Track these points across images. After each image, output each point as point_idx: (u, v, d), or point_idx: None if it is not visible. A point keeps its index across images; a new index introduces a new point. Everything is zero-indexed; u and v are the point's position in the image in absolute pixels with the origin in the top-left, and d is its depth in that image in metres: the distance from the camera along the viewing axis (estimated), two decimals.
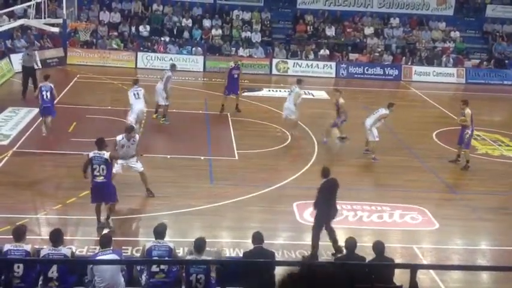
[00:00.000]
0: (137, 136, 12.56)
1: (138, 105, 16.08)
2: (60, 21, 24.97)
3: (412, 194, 13.62)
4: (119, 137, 12.32)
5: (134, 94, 16.24)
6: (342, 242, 9.53)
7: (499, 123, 21.01)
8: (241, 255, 9.80)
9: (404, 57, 28.65)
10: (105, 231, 10.64)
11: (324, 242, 11.26)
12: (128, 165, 12.38)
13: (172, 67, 18.45)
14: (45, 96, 15.64)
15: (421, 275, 8.94)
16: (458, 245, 11.76)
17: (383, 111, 15.71)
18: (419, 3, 31.02)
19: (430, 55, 28.72)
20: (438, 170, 15.42)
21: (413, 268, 7.48)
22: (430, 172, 15.27)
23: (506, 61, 28.97)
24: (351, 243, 8.74)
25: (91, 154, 10.92)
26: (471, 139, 15.72)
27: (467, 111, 15.24)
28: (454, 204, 13.54)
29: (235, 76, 19.18)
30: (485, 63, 28.82)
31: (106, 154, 10.89)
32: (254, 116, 19.16)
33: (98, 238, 8.86)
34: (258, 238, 8.79)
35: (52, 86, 15.96)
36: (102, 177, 10.84)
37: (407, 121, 19.44)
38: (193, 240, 8.50)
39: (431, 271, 10.09)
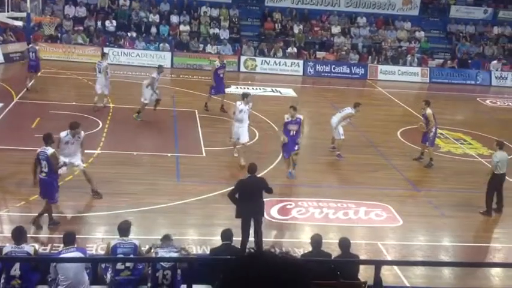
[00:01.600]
0: (82, 133, 12.09)
1: (99, 79, 18.06)
2: (24, 14, 24.49)
3: (377, 192, 13.82)
4: (63, 133, 11.91)
5: (97, 68, 18.25)
6: (307, 239, 9.60)
7: (462, 122, 21.47)
8: (208, 252, 9.80)
9: (370, 56, 29.01)
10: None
11: (294, 239, 11.35)
12: (70, 162, 11.94)
13: (159, 68, 18.32)
14: (31, 56, 19.97)
15: (385, 271, 9.10)
16: (422, 241, 12.00)
17: (349, 110, 15.90)
18: (385, 3, 31.43)
19: (396, 54, 29.15)
20: (402, 168, 15.68)
21: (378, 264, 7.62)
22: (395, 170, 15.51)
23: (469, 61, 29.60)
24: (317, 239, 8.83)
25: (39, 149, 10.80)
26: (435, 137, 16.05)
27: (428, 111, 15.54)
28: (418, 201, 13.80)
29: (221, 75, 19.09)
30: (449, 62, 29.39)
31: (49, 150, 10.67)
32: (222, 113, 19.12)
33: (62, 236, 8.71)
34: (226, 235, 8.81)
35: (37, 48, 20.56)
36: (44, 174, 10.68)
37: (373, 119, 19.69)
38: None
39: (395, 267, 10.27)
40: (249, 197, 10.26)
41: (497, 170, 12.79)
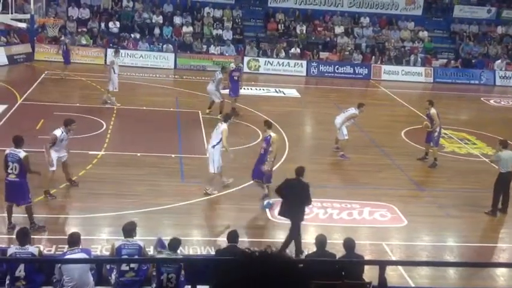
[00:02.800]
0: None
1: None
2: (28, 16, 24.58)
3: (381, 192, 13.78)
4: (58, 132, 12.00)
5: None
6: (311, 239, 9.59)
7: (466, 121, 21.41)
8: (212, 253, 9.80)
9: (373, 57, 28.96)
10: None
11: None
12: (59, 157, 12.14)
13: (223, 69, 18.87)
14: (63, 48, 22.76)
15: (389, 271, 9.07)
16: (426, 241, 11.96)
17: (353, 110, 15.88)
18: (388, 3, 31.38)
19: (399, 54, 29.10)
20: (406, 168, 15.64)
21: (382, 264, 7.60)
22: (399, 170, 15.48)
23: (473, 61, 29.53)
24: (321, 240, 8.81)
25: (7, 151, 10.65)
26: (439, 137, 16.00)
27: (433, 111, 15.51)
28: (422, 202, 13.76)
29: (236, 78, 19.04)
30: (452, 62, 29.33)
31: (21, 153, 10.53)
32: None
33: (66, 237, 8.72)
34: (232, 237, 8.80)
35: (67, 41, 23.55)
36: (14, 176, 10.52)
37: (377, 119, 19.65)
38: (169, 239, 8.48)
39: (399, 267, 10.24)
40: (290, 198, 10.36)
41: (503, 169, 12.75)
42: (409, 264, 10.71)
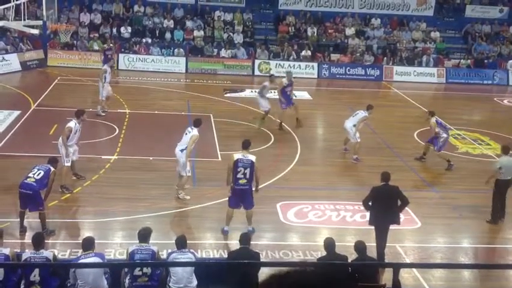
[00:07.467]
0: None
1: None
2: (40, 22, 24.79)
3: None
4: (72, 124, 12.44)
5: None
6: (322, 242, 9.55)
7: (479, 122, 21.25)
8: (225, 256, 9.81)
9: (385, 58, 28.83)
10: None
11: (311, 242, 11.31)
12: (75, 150, 12.58)
13: (271, 77, 19.04)
14: (108, 55, 22.50)
15: (404, 273, 9.02)
16: (440, 243, 11.88)
17: (362, 114, 15.77)
18: (399, 3, 31.27)
19: (411, 55, 28.96)
20: (419, 169, 15.55)
21: (396, 267, 7.55)
22: (412, 171, 15.39)
23: (486, 61, 29.31)
24: (330, 243, 8.77)
25: (37, 166, 10.96)
26: (445, 144, 15.67)
27: (432, 121, 15.36)
28: (436, 203, 13.67)
29: (288, 93, 18.62)
30: (462, 61, 29.07)
31: (51, 168, 10.89)
32: (237, 117, 19.16)
33: (80, 241, 8.77)
34: (244, 239, 8.82)
35: (113, 47, 24.04)
36: (33, 180, 10.64)
37: (389, 121, 19.58)
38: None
39: (414, 269, 10.18)
40: (383, 205, 10.25)
41: (501, 176, 12.41)
42: (423, 267, 10.65)
